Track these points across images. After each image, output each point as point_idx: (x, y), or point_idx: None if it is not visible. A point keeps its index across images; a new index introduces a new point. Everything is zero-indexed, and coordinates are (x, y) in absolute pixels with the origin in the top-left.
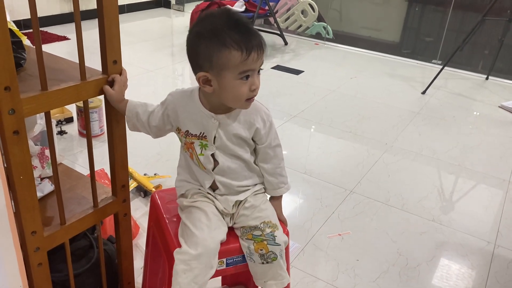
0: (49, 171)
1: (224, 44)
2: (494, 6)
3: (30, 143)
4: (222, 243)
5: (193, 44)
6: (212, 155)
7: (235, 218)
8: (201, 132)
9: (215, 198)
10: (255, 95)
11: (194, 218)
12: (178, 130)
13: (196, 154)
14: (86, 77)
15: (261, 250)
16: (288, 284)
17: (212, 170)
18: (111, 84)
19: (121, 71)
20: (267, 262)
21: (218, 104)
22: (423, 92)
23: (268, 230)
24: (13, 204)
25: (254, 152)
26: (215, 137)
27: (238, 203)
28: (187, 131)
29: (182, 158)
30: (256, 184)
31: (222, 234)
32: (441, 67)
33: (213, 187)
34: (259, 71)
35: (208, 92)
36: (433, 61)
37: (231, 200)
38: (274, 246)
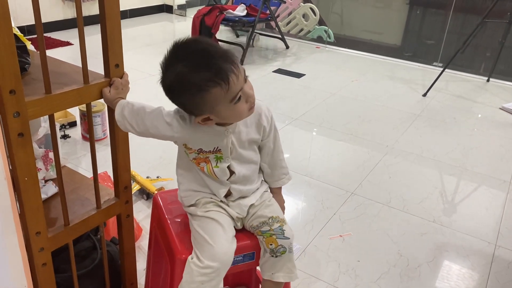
0: (53, 173)
1: (200, 89)
2: (494, 8)
3: (34, 145)
4: None
5: (173, 99)
6: (228, 166)
7: (244, 219)
8: (215, 148)
9: (228, 205)
10: (254, 102)
11: (211, 230)
12: (185, 146)
13: (212, 167)
14: (89, 80)
15: (271, 244)
16: (289, 284)
17: (227, 180)
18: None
19: (122, 75)
20: (276, 256)
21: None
22: (424, 95)
23: (276, 225)
24: (18, 205)
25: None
26: (230, 149)
27: (251, 206)
28: (200, 149)
29: (184, 169)
30: (262, 183)
31: (235, 245)
32: (442, 69)
33: (226, 194)
34: (245, 79)
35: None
36: (434, 63)
37: (245, 205)
38: (284, 239)
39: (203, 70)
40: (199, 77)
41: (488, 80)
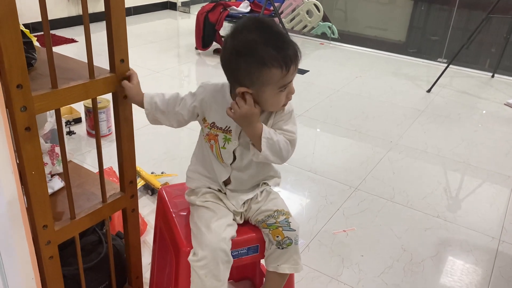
0: (59, 168)
1: (264, 63)
2: (499, 4)
3: (41, 140)
4: None
5: (231, 60)
6: (234, 151)
7: (245, 215)
8: (226, 126)
9: (225, 194)
10: (290, 99)
11: (205, 220)
12: (203, 120)
13: (219, 147)
14: (95, 75)
15: (277, 237)
16: (292, 276)
17: (230, 165)
18: (129, 79)
19: (128, 70)
20: (282, 248)
21: None
22: (428, 91)
23: (282, 217)
24: (25, 198)
25: None
26: (240, 132)
27: (248, 201)
28: (213, 123)
29: (198, 148)
30: (266, 178)
31: (232, 232)
32: (446, 65)
33: (226, 182)
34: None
35: None
36: (438, 59)
37: (241, 199)
38: (290, 231)
39: (274, 48)
40: (268, 52)
41: (492, 76)
